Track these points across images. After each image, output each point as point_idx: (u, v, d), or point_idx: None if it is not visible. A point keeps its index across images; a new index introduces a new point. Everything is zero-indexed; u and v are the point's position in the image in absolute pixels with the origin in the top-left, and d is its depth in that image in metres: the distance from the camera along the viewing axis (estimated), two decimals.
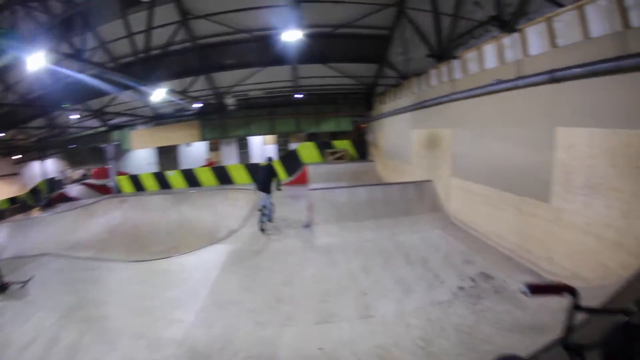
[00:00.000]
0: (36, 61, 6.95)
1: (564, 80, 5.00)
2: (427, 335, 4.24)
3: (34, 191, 23.34)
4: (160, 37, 10.91)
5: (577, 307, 1.51)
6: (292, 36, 9.42)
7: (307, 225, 8.60)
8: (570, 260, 4.92)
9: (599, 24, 4.58)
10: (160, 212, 14.20)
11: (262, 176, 9.07)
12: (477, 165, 7.38)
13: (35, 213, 19.54)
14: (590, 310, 1.54)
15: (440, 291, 5.28)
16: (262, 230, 8.66)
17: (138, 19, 10.27)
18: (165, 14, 10.25)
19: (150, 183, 18.80)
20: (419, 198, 9.00)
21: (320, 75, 14.26)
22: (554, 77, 5.07)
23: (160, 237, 12.31)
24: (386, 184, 11.50)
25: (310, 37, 10.75)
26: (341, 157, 17.39)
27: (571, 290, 1.49)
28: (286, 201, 11.24)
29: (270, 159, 9.62)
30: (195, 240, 10.17)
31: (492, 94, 6.61)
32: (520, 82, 5.79)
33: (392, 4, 10.37)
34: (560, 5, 5.33)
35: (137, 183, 18.99)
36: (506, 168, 6.41)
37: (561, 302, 1.60)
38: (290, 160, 17.08)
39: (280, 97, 16.81)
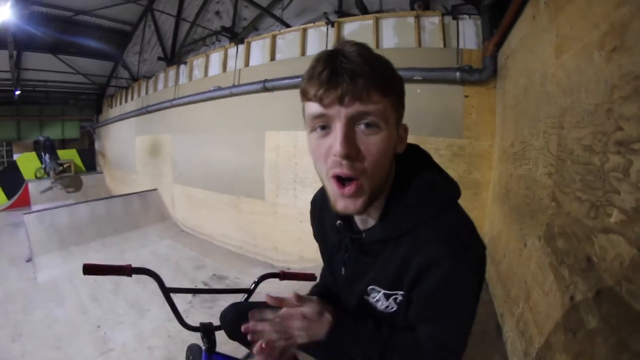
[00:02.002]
0: None
1: (274, 90, 5.56)
2: (171, 352, 3.95)
3: None
4: None
5: (169, 290, 1.48)
6: (6, 12, 6.96)
7: (30, 259, 6.76)
8: (294, 247, 5.38)
9: (315, 45, 5.44)
10: None
11: None
12: (197, 170, 7.35)
13: None
14: (183, 290, 1.55)
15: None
16: None
17: None
18: None
19: None
20: (145, 209, 8.30)
21: (50, 68, 11.34)
22: (266, 86, 5.58)
23: None
24: (109, 198, 10.08)
25: (43, 19, 8.52)
26: (66, 169, 14.10)
27: (147, 272, 1.40)
28: (5, 231, 8.88)
29: None
30: None
31: (211, 100, 6.74)
32: (235, 90, 6.12)
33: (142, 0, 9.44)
34: (288, 26, 6.01)
35: None
36: (223, 171, 6.59)
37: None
38: (10, 177, 12.61)
39: None
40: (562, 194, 1.56)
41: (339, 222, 0.84)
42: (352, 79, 0.63)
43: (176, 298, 1.47)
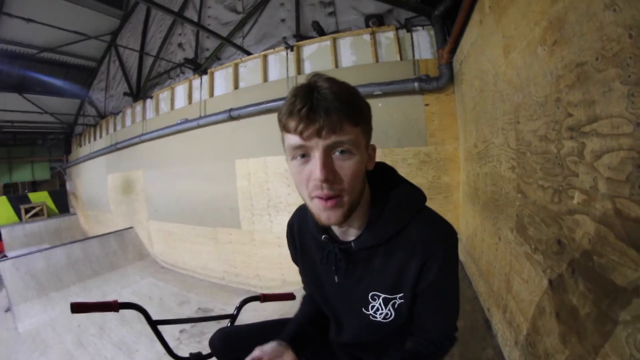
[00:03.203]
0: None
1: (240, 118, 5.62)
2: None
3: None
4: None
5: (155, 322, 1.53)
6: None
7: (8, 309, 6.54)
8: (275, 272, 5.39)
9: (277, 70, 5.51)
10: None
11: None
12: (171, 205, 7.27)
13: None
14: (168, 322, 1.61)
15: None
16: None
17: None
18: None
19: None
20: (123, 248, 8.15)
21: (16, 108, 11.01)
22: (231, 115, 5.62)
23: None
24: (84, 240, 9.84)
25: (7, 56, 8.41)
26: (39, 213, 13.63)
27: (133, 307, 1.46)
28: None
29: None
30: None
31: (180, 132, 6.74)
32: (202, 121, 6.14)
33: (104, 35, 9.45)
34: (249, 53, 6.08)
35: None
36: (196, 203, 6.55)
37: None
38: None
39: None
40: (526, 184, 1.66)
41: (324, 236, 0.92)
42: (327, 114, 0.73)
43: (164, 334, 1.47)
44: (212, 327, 4.90)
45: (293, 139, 0.76)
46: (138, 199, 8.37)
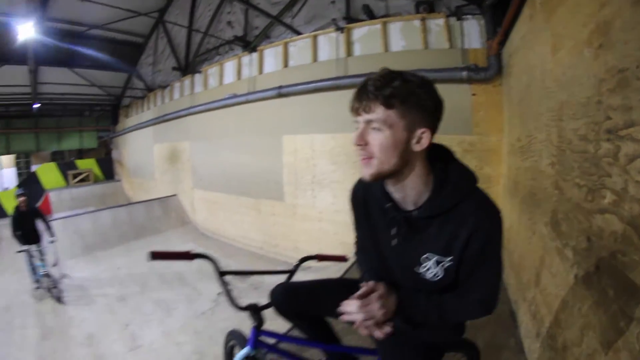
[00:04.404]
0: None
1: (289, 95, 5.77)
2: (199, 347, 4.16)
3: None
4: None
5: (222, 273, 1.59)
6: (26, 30, 7.31)
7: (56, 264, 6.94)
8: (313, 245, 5.50)
9: (326, 51, 5.58)
10: None
11: (22, 219, 5.89)
12: (216, 175, 7.57)
13: None
14: (235, 273, 1.70)
15: (201, 302, 5.25)
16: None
17: None
18: None
19: None
20: (166, 214, 8.58)
21: (66, 82, 11.72)
22: (281, 92, 5.79)
23: None
24: (130, 204, 10.38)
25: (58, 34, 8.82)
26: (85, 179, 14.48)
27: (204, 257, 1.56)
28: None
29: (22, 194, 6.07)
30: None
31: (228, 107, 6.97)
32: (251, 97, 6.35)
33: (153, 12, 9.78)
34: (299, 34, 6.20)
35: None
36: (242, 175, 6.80)
37: None
38: (31, 187, 12.98)
39: (17, 107, 12.79)
40: (564, 181, 1.70)
41: (388, 204, 1.08)
42: (365, 98, 0.95)
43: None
44: (249, 292, 5.07)
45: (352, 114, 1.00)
46: (184, 168, 8.74)
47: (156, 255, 1.45)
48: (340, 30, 5.48)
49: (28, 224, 5.91)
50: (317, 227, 5.48)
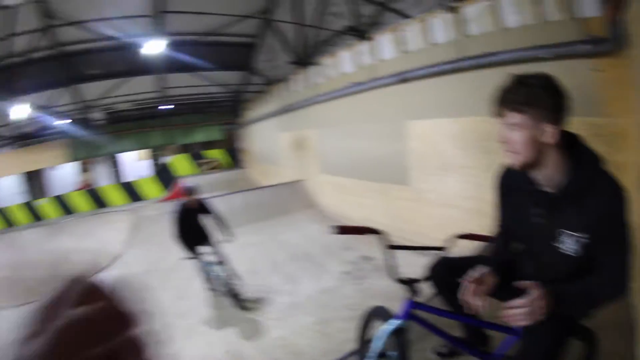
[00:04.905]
0: None
1: (412, 80, 5.82)
2: (322, 320, 4.44)
3: None
4: (21, 42, 9.16)
5: (390, 247, 1.77)
6: (156, 46, 8.80)
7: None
8: (438, 231, 5.49)
9: (441, 33, 5.46)
10: (38, 247, 11.53)
11: (189, 219, 5.08)
12: (342, 161, 7.96)
13: None
14: (402, 247, 1.88)
15: (327, 279, 5.57)
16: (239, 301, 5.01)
17: None
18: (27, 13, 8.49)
19: (19, 216, 15.21)
20: (292, 197, 9.26)
21: (188, 84, 13.68)
22: (401, 78, 5.87)
23: (44, 274, 10.07)
24: (260, 188, 11.52)
25: (178, 45, 10.34)
26: (215, 167, 16.69)
27: (375, 231, 1.77)
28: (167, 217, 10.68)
29: (191, 190, 5.23)
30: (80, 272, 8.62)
31: (350, 95, 7.27)
32: (372, 84, 6.54)
33: (258, 15, 10.69)
34: (408, 17, 6.20)
35: (5, 218, 15.19)
36: (368, 160, 7.07)
37: None
38: (165, 175, 15.68)
39: (150, 109, 15.42)
40: None
41: (530, 186, 1.30)
42: (500, 105, 1.22)
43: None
44: (372, 274, 5.32)
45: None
46: (309, 154, 9.41)
47: (341, 230, 1.75)
48: (450, 10, 5.23)
49: (196, 222, 5.15)
50: (442, 212, 5.53)
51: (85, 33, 9.97)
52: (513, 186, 1.41)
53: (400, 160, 6.24)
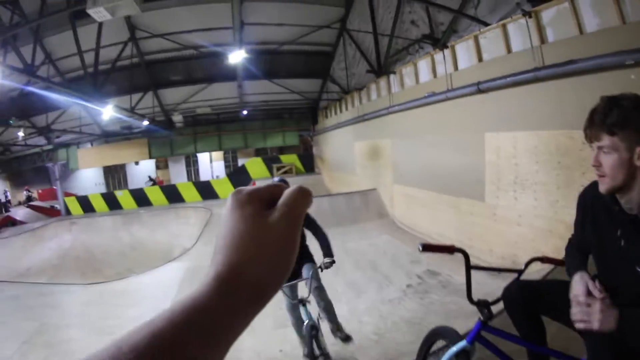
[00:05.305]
0: None
1: (489, 91, 5.59)
2: (379, 329, 4.45)
3: None
4: (108, 52, 10.59)
5: (471, 267, 1.77)
6: (237, 56, 9.58)
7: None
8: (508, 250, 5.36)
9: (519, 40, 5.22)
10: (112, 233, 13.31)
11: None
12: (416, 172, 7.84)
13: None
14: (482, 268, 1.92)
15: (390, 290, 5.56)
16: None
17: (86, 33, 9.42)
18: (114, 26, 9.83)
19: (99, 204, 17.50)
20: (365, 206, 9.32)
21: (266, 91, 14.47)
22: (480, 88, 5.64)
23: (114, 259, 11.66)
24: (332, 195, 11.76)
25: (256, 54, 11.00)
26: (288, 171, 17.40)
27: (462, 251, 1.76)
28: None
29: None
30: (149, 261, 9.81)
31: (426, 105, 7.15)
32: (450, 94, 6.37)
33: (334, 23, 11.04)
34: (486, 24, 5.96)
35: (85, 204, 17.56)
36: (443, 172, 6.88)
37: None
38: (239, 177, 16.76)
39: (227, 114, 16.71)
40: None
41: (616, 207, 1.26)
42: (592, 128, 1.19)
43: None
44: (437, 289, 5.14)
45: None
46: (384, 164, 9.40)
47: (426, 248, 1.80)
48: (528, 15, 4.91)
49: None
50: (515, 230, 5.23)
51: (168, 43, 11.13)
52: (596, 206, 1.38)
53: (476, 174, 6.00)
